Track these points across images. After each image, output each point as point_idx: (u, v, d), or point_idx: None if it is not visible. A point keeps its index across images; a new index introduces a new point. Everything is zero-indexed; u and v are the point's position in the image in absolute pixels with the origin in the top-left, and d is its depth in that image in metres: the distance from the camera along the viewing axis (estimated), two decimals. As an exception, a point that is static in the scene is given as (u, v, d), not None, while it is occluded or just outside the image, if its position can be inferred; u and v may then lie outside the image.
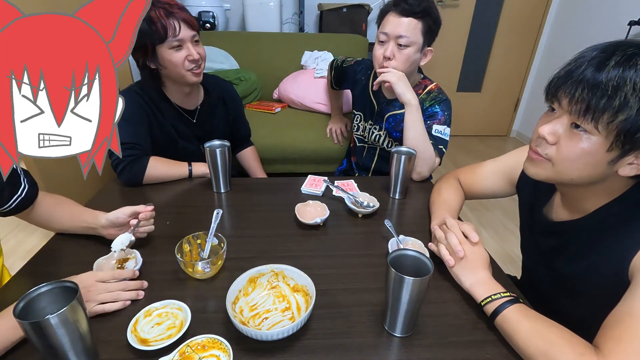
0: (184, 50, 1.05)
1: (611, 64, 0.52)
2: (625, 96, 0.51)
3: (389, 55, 1.16)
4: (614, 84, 0.51)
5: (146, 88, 1.13)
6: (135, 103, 1.11)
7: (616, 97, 0.51)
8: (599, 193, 0.63)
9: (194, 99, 1.23)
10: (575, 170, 0.59)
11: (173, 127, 1.19)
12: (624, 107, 0.51)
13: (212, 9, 2.43)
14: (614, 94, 0.51)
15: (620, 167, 0.57)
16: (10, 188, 0.74)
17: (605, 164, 0.57)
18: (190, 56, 1.05)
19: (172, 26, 1.01)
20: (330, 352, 0.60)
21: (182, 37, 1.03)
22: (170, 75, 1.10)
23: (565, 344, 0.55)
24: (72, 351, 0.51)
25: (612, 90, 0.52)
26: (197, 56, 1.07)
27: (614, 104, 0.52)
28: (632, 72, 0.51)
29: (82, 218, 0.82)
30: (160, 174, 1.09)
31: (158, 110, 1.15)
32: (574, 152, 0.58)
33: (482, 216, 2.37)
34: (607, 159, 0.56)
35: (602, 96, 0.52)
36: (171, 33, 1.01)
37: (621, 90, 0.51)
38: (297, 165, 2.05)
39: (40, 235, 1.99)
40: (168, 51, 1.04)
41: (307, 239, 0.88)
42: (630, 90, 0.51)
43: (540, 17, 3.15)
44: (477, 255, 0.72)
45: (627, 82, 0.51)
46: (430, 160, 1.14)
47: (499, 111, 3.54)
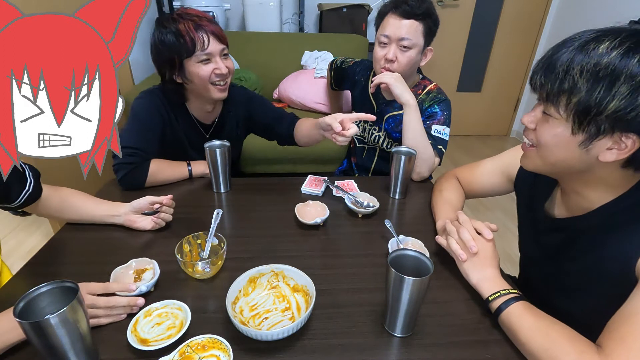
0: (211, 64, 1.02)
1: (569, 49, 0.55)
2: (574, 79, 0.53)
3: (391, 58, 1.16)
4: (564, 68, 0.55)
5: (169, 93, 1.11)
6: (154, 105, 1.09)
7: (566, 81, 0.54)
8: (598, 186, 0.63)
9: (213, 115, 1.21)
10: (552, 154, 0.62)
11: (186, 136, 1.17)
12: (574, 90, 0.54)
13: (212, 9, 2.43)
14: (564, 77, 0.55)
15: (600, 153, 0.57)
16: (18, 184, 0.75)
17: (577, 148, 0.58)
18: (217, 69, 1.02)
19: (201, 39, 0.98)
20: (330, 352, 0.60)
21: (211, 50, 1.00)
22: (195, 90, 1.08)
23: (567, 341, 0.55)
24: (72, 351, 0.51)
25: (562, 73, 0.55)
26: (225, 70, 1.03)
27: (564, 87, 0.55)
28: (581, 56, 0.53)
29: (100, 207, 0.88)
30: (162, 179, 1.08)
31: (175, 117, 1.14)
32: (546, 136, 0.61)
33: (482, 216, 2.37)
34: (576, 142, 0.57)
35: (555, 80, 0.56)
36: (200, 46, 0.98)
37: (569, 73, 0.54)
38: (297, 165, 2.05)
39: (40, 235, 1.99)
40: (196, 65, 1.01)
41: (307, 239, 0.88)
42: (578, 73, 0.53)
43: (540, 17, 3.15)
44: (488, 253, 0.72)
45: (574, 65, 0.53)
46: (430, 161, 1.14)
47: (499, 111, 3.54)
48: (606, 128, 0.54)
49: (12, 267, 0.95)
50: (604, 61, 0.51)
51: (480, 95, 3.46)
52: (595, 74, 0.52)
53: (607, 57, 0.51)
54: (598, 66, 0.52)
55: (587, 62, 0.52)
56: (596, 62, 0.52)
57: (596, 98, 0.52)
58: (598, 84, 0.52)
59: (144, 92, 1.13)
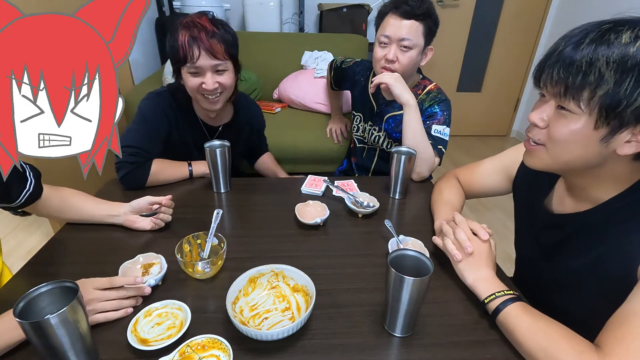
0: (200, 78, 1.01)
1: (586, 42, 0.53)
2: (600, 71, 0.51)
3: (392, 58, 1.16)
4: (587, 60, 0.52)
5: (177, 95, 1.11)
6: (160, 107, 1.10)
7: (591, 73, 0.52)
8: (606, 181, 0.61)
9: (219, 118, 1.21)
10: (567, 152, 0.59)
11: (192, 138, 1.17)
12: (600, 82, 0.52)
13: (212, 9, 2.43)
14: (588, 70, 0.52)
15: (619, 146, 0.55)
16: (18, 184, 0.75)
17: (597, 143, 0.56)
18: (204, 84, 1.01)
19: (192, 53, 0.97)
20: (330, 352, 0.60)
21: (200, 65, 0.99)
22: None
23: (566, 341, 0.54)
24: (72, 351, 0.51)
25: (585, 66, 0.52)
26: (212, 86, 1.01)
27: (589, 80, 0.52)
28: (604, 47, 0.51)
29: (100, 207, 0.88)
30: (163, 179, 1.08)
31: (182, 119, 1.14)
32: (563, 133, 0.58)
33: (482, 216, 2.37)
34: (597, 137, 0.55)
35: (577, 73, 0.53)
36: (190, 59, 0.98)
37: (594, 65, 0.52)
38: (297, 165, 2.05)
39: (40, 235, 1.99)
40: (187, 74, 1.02)
41: (307, 239, 0.88)
42: (604, 65, 0.51)
43: (540, 17, 3.15)
44: (483, 253, 0.72)
45: (599, 57, 0.51)
46: (430, 161, 1.14)
47: (499, 111, 3.54)
48: (629, 120, 0.52)
49: (12, 267, 0.95)
50: (631, 51, 0.50)
51: (480, 95, 3.46)
52: (623, 64, 0.50)
53: (632, 46, 0.50)
54: (626, 56, 0.50)
55: (613, 53, 0.50)
56: (623, 52, 0.50)
57: (626, 89, 0.50)
58: (627, 75, 0.50)
59: (152, 93, 1.13)
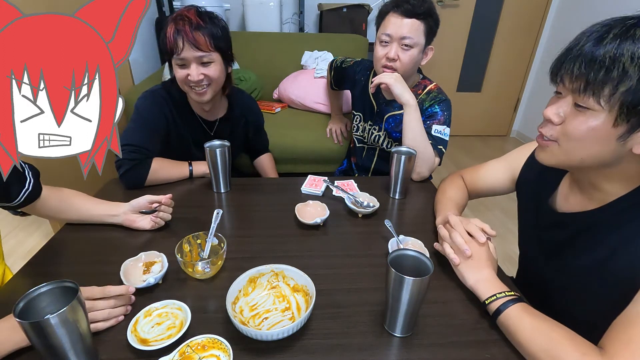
0: (186, 69, 1.03)
1: (609, 37, 0.52)
2: (624, 67, 0.50)
3: (393, 57, 1.16)
4: (610, 56, 0.51)
5: (172, 91, 1.13)
6: (158, 105, 1.11)
7: (614, 69, 0.51)
8: (616, 179, 0.61)
9: (214, 112, 1.22)
10: (583, 149, 0.58)
11: (190, 135, 1.18)
12: (623, 78, 0.50)
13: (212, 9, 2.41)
14: (612, 66, 0.51)
15: (635, 145, 0.54)
16: (17, 183, 0.75)
17: (614, 141, 0.54)
18: (189, 76, 1.03)
19: (176, 44, 1.00)
20: (330, 352, 0.60)
21: (184, 56, 1.01)
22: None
23: (568, 343, 0.54)
24: (72, 351, 0.51)
25: (609, 62, 0.51)
26: (197, 78, 1.03)
27: (612, 76, 0.51)
28: (629, 42, 0.50)
29: (99, 207, 0.88)
30: (163, 177, 1.08)
31: (179, 115, 1.15)
32: (580, 130, 0.56)
33: (482, 216, 2.36)
34: (615, 135, 0.54)
35: (600, 69, 0.52)
36: (175, 51, 1.01)
37: (618, 61, 0.50)
38: (297, 165, 2.05)
39: (40, 235, 1.99)
40: (175, 66, 1.05)
41: (307, 239, 0.88)
42: (628, 61, 0.50)
43: (540, 17, 3.15)
44: (483, 255, 0.71)
45: (624, 52, 0.50)
46: (430, 161, 1.14)
47: (499, 111, 3.54)
48: None
49: (12, 267, 0.95)
50: None
51: (480, 95, 3.46)
52: None
53: None
54: None
55: (638, 49, 0.49)
56: None
57: None
58: None
59: (147, 91, 1.13)
